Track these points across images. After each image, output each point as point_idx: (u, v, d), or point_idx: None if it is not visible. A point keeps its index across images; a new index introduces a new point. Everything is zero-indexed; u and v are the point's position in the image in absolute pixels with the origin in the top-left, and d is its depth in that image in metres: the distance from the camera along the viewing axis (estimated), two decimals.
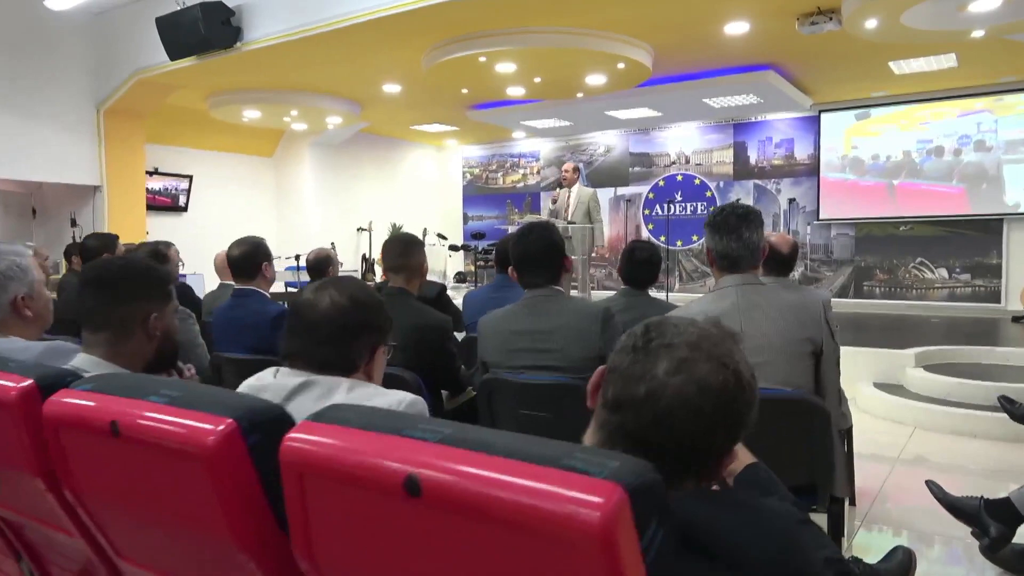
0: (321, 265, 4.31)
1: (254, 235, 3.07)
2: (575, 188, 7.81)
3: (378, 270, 12.02)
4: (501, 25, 6.19)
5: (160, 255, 3.42)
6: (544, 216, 7.97)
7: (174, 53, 7.02)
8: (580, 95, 8.10)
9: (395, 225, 11.50)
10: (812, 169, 9.75)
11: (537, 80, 7.36)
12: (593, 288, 11.31)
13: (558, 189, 7.85)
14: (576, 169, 7.89)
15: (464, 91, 7.84)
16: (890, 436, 4.85)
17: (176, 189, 9.98)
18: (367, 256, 11.74)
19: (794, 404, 2.11)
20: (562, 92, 8.04)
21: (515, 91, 7.84)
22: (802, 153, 9.84)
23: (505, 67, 6.84)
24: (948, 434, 4.83)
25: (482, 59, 6.54)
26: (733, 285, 2.22)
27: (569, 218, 7.67)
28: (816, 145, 9.68)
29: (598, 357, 2.30)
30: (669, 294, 9.53)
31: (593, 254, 7.99)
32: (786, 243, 3.15)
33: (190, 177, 10.06)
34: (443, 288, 3.85)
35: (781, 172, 10.01)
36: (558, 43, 6.31)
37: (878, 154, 9.31)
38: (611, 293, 3.24)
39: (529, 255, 2.41)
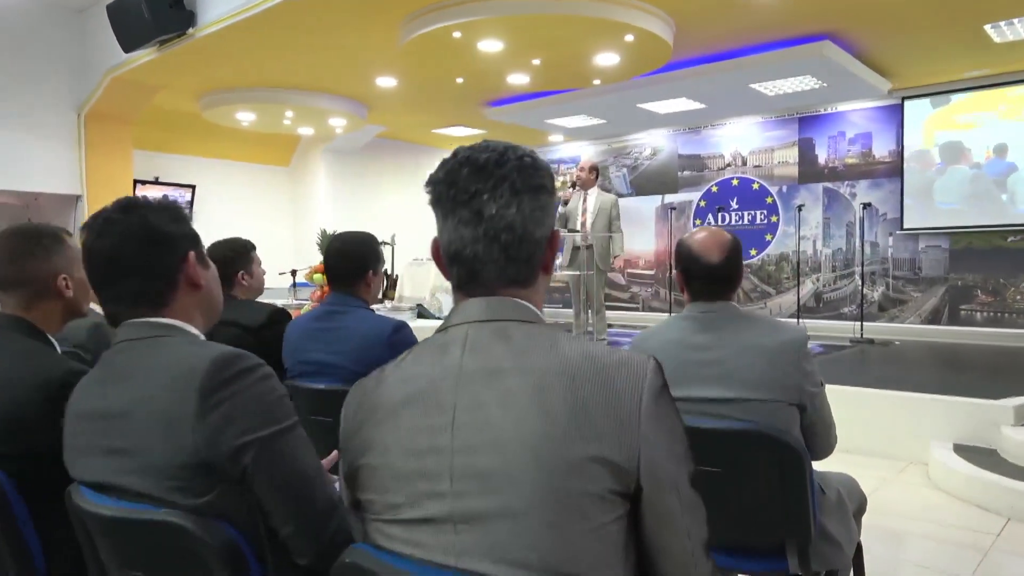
0: None
1: None
2: (593, 192, 6.60)
3: (407, 287, 11.08)
4: None
5: None
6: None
7: (127, 44, 6.31)
8: (597, 82, 6.86)
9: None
10: (894, 168, 8.08)
11: (536, 62, 6.19)
12: (636, 308, 9.99)
13: (569, 190, 6.64)
14: (593, 169, 6.67)
15: (459, 80, 6.77)
16: (969, 530, 3.36)
17: (178, 200, 9.35)
18: (388, 272, 10.81)
19: None
20: (573, 78, 6.83)
21: (518, 79, 6.70)
22: (882, 149, 8.19)
23: (489, 44, 5.71)
24: None
25: (456, 34, 5.44)
26: (463, 323, 0.99)
27: (589, 225, 6.44)
28: (899, 140, 8.01)
29: (199, 464, 1.12)
30: None
31: (612, 269, 6.72)
32: (715, 245, 1.85)
33: (192, 187, 9.41)
34: (277, 313, 2.72)
35: (856, 173, 8.38)
36: (543, 8, 5.14)
37: (976, 148, 7.57)
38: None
39: (97, 263, 1.26)
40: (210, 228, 9.29)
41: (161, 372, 1.16)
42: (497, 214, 0.97)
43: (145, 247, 1.25)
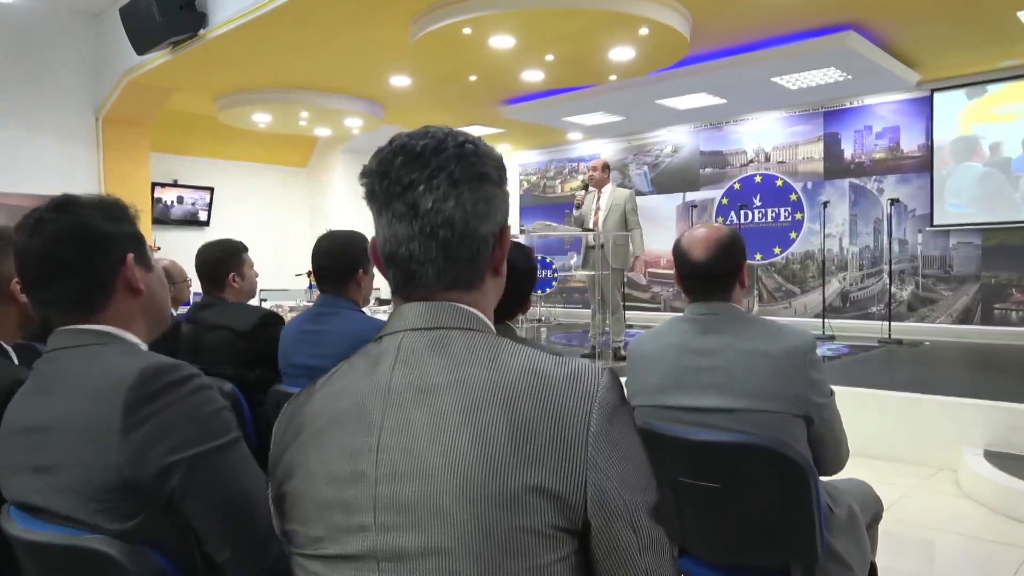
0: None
1: None
2: (607, 189, 6.42)
3: None
4: None
5: None
6: (571, 223, 6.60)
7: (140, 46, 6.30)
8: (613, 77, 6.71)
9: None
10: (924, 163, 7.81)
11: (549, 58, 6.07)
12: (658, 309, 9.82)
13: (583, 192, 6.47)
14: (606, 167, 6.51)
15: (472, 78, 6.66)
16: (1000, 542, 3.18)
17: (197, 202, 9.38)
18: None
19: None
20: (588, 74, 6.69)
21: (532, 76, 6.58)
22: (910, 144, 7.92)
23: (501, 40, 5.60)
24: None
25: (466, 30, 5.34)
26: (398, 331, 0.89)
27: (600, 225, 6.28)
28: (928, 133, 7.75)
29: (124, 485, 1.02)
30: None
31: (631, 270, 6.55)
32: (705, 241, 1.72)
33: (211, 189, 9.44)
34: (268, 316, 2.62)
35: (884, 168, 8.12)
36: (553, 2, 5.01)
37: (1009, 141, 7.29)
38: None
39: (29, 265, 1.17)
40: (228, 230, 9.37)
41: (87, 384, 1.07)
42: (434, 208, 0.86)
43: (78, 248, 1.16)
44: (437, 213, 0.86)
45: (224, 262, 2.70)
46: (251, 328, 2.58)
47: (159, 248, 8.54)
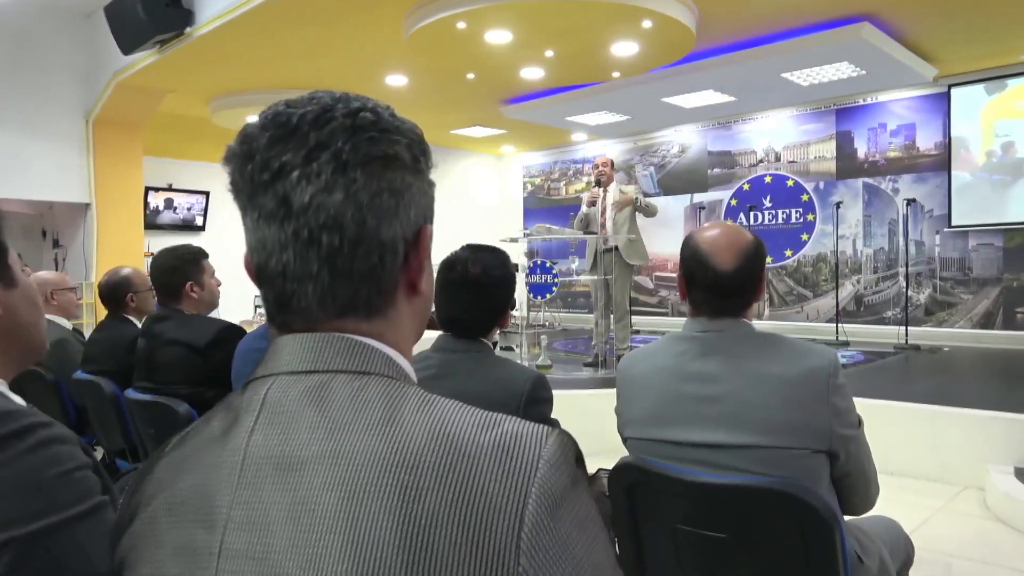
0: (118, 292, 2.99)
1: None
2: (612, 188, 6.15)
3: None
4: None
5: None
6: (575, 226, 6.32)
7: (125, 46, 6.09)
8: (616, 74, 6.45)
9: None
10: (941, 161, 7.51)
11: (549, 54, 5.82)
12: (665, 313, 9.54)
13: (595, 188, 6.15)
14: (612, 164, 6.25)
15: (470, 76, 6.42)
16: None
17: (193, 207, 9.18)
18: None
19: None
20: (590, 71, 6.43)
21: (532, 73, 6.33)
22: (927, 141, 7.62)
23: (497, 35, 5.36)
24: None
25: (461, 24, 5.10)
26: (267, 375, 0.63)
27: (609, 224, 6.00)
28: (946, 130, 7.45)
29: None
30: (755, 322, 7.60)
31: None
32: (729, 247, 1.46)
33: (206, 193, 9.24)
34: (227, 331, 2.38)
35: (899, 167, 7.83)
36: None
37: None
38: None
39: None
40: (225, 235, 9.17)
41: None
42: (313, 203, 0.61)
43: None
44: (318, 210, 0.61)
45: (180, 270, 2.46)
46: (207, 343, 2.34)
47: (152, 254, 8.35)
